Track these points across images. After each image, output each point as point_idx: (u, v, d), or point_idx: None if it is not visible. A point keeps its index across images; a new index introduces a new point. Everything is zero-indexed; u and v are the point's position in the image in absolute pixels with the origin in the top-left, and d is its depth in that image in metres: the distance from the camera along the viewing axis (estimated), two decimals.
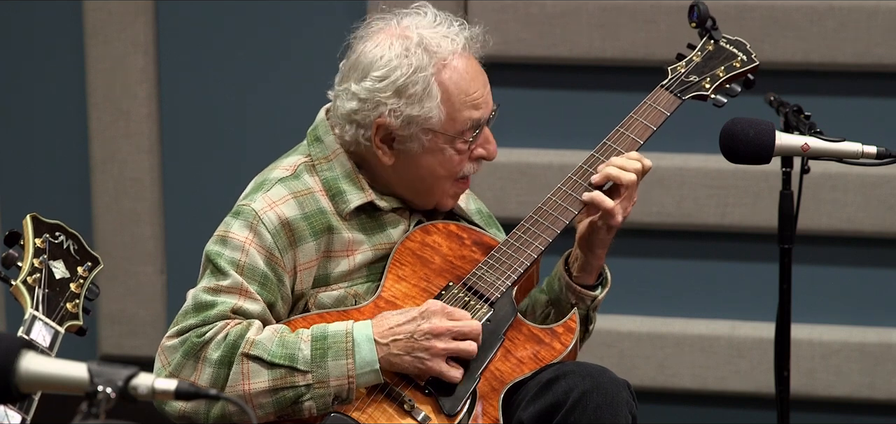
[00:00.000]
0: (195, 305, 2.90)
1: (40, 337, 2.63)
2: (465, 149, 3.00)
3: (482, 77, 3.01)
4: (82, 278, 2.76)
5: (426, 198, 3.05)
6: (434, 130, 2.96)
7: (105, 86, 4.92)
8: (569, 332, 3.00)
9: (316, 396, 2.85)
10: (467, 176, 3.05)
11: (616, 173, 3.02)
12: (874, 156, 3.15)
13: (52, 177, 5.04)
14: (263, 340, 2.86)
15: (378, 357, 2.86)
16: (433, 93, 2.94)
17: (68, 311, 2.71)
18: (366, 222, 3.03)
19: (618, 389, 2.89)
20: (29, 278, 2.68)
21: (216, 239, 2.96)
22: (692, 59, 3.27)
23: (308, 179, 3.01)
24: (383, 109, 2.94)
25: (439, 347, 2.87)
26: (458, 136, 2.98)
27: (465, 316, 2.90)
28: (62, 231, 2.78)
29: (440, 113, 2.95)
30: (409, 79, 2.93)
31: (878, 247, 4.58)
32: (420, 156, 2.99)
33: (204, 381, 2.85)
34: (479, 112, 2.99)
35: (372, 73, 2.95)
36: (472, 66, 3.00)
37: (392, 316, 2.90)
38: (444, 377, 2.89)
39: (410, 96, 2.94)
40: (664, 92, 3.20)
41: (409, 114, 2.94)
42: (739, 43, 3.29)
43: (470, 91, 2.97)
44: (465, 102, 2.97)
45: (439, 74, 2.95)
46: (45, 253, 2.73)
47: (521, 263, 3.01)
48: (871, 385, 4.57)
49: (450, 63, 2.96)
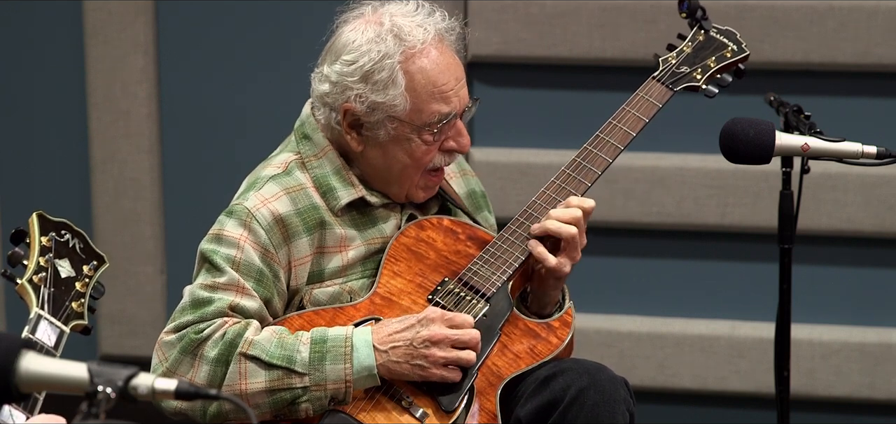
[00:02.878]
0: (192, 301, 2.91)
1: (46, 337, 2.63)
2: (432, 141, 2.99)
3: (455, 70, 2.99)
4: (88, 277, 2.76)
5: (396, 188, 3.04)
6: (399, 119, 2.96)
7: (105, 86, 4.92)
8: (565, 326, 3.00)
9: (312, 398, 2.85)
10: (439, 168, 3.04)
11: (555, 227, 2.99)
12: (874, 156, 3.15)
13: (52, 177, 5.04)
14: (262, 340, 2.86)
15: (376, 363, 2.86)
16: (398, 81, 2.93)
17: (74, 310, 2.70)
18: (357, 218, 3.04)
19: (615, 386, 2.90)
20: (35, 277, 2.68)
21: (211, 238, 2.96)
22: (683, 49, 3.27)
23: (300, 176, 3.02)
24: (350, 94, 2.95)
25: (438, 355, 2.87)
26: (425, 127, 2.97)
27: (464, 321, 2.90)
28: (68, 229, 2.77)
29: (405, 101, 2.94)
30: (375, 65, 2.93)
31: (878, 247, 4.57)
32: (387, 145, 2.98)
33: (201, 378, 2.85)
34: (448, 106, 2.97)
35: (342, 57, 2.97)
36: (445, 58, 2.97)
37: (391, 324, 2.90)
38: (445, 381, 2.89)
39: (375, 83, 2.94)
40: (656, 83, 3.20)
41: (374, 101, 2.94)
42: (730, 33, 3.29)
43: (439, 83, 2.95)
44: (432, 94, 2.95)
45: (406, 63, 2.94)
46: (50, 251, 2.72)
47: (517, 258, 3.01)
48: (871, 385, 4.57)
49: (420, 53, 2.95)
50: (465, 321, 2.90)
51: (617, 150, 3.11)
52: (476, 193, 3.22)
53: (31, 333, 2.61)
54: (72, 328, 2.68)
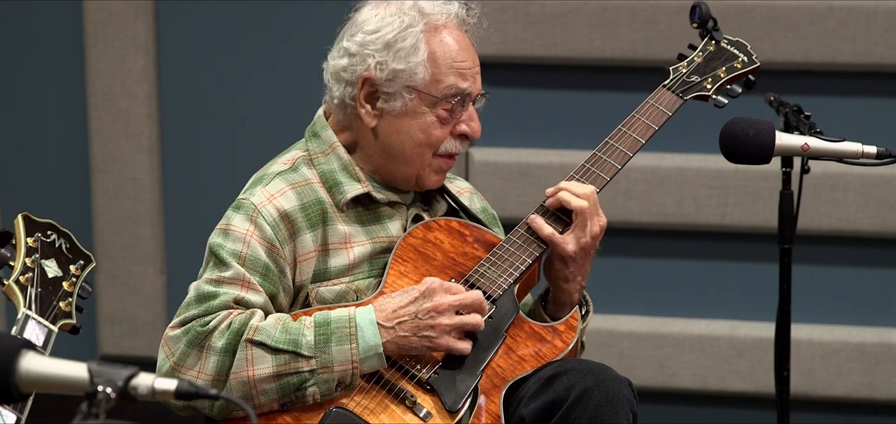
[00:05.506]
0: (198, 296, 2.92)
1: (33, 336, 2.63)
2: (447, 118, 3.01)
3: (473, 53, 3.04)
4: (75, 276, 2.76)
5: (406, 169, 3.05)
6: (417, 89, 2.98)
7: (105, 86, 4.92)
8: (570, 330, 3.01)
9: (319, 381, 2.85)
10: (452, 154, 3.06)
11: (566, 198, 3.02)
12: (874, 156, 3.15)
13: (52, 177, 5.04)
14: (267, 326, 2.87)
15: (383, 340, 2.87)
16: (420, 49, 2.97)
17: (61, 310, 2.71)
18: (362, 214, 3.05)
19: (619, 387, 2.90)
20: (21, 277, 2.68)
21: (218, 232, 2.98)
22: (693, 59, 3.28)
23: (306, 171, 3.04)
24: (371, 61, 2.98)
25: (445, 323, 2.88)
26: (441, 101, 2.99)
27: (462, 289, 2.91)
28: (54, 229, 2.77)
29: (425, 71, 2.98)
30: (399, 34, 2.98)
31: (878, 247, 4.58)
32: (401, 118, 3.00)
33: (208, 370, 2.85)
34: (465, 82, 3.01)
35: (364, 28, 3.00)
36: (464, 39, 3.03)
37: (393, 299, 2.91)
38: (454, 351, 2.90)
39: (398, 50, 2.97)
40: (666, 92, 3.20)
41: (395, 68, 2.97)
42: (740, 44, 3.30)
43: (459, 58, 3.00)
44: (451, 67, 2.99)
45: (429, 35, 2.99)
46: (37, 251, 2.72)
47: (523, 261, 3.02)
48: (871, 385, 4.57)
49: (441, 27, 3.00)
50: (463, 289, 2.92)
51: (626, 157, 3.12)
52: (488, 211, 3.25)
53: (19, 333, 2.61)
54: (60, 327, 2.69)
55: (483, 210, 3.23)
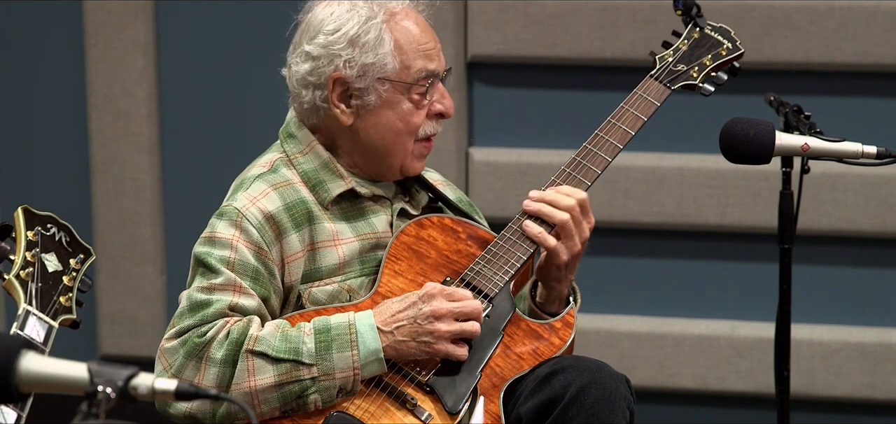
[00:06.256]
0: (191, 305, 2.89)
1: (34, 332, 2.62)
2: (421, 101, 3.02)
3: (432, 33, 3.05)
4: (75, 270, 2.75)
5: (390, 160, 3.04)
6: (389, 79, 2.98)
7: (105, 86, 4.92)
8: (567, 327, 3.00)
9: (321, 389, 2.85)
10: (430, 137, 3.06)
11: (547, 211, 3.00)
12: (874, 156, 3.15)
13: (52, 177, 5.04)
14: (266, 336, 2.86)
15: (382, 345, 2.86)
16: (385, 40, 2.97)
17: (61, 305, 2.69)
18: (347, 211, 3.04)
19: (616, 384, 2.89)
20: (22, 272, 2.67)
21: (203, 240, 2.96)
22: (679, 47, 3.27)
23: (286, 172, 3.03)
24: (338, 61, 2.97)
25: (443, 329, 2.87)
26: (414, 85, 3.00)
27: (465, 295, 2.91)
28: (54, 222, 2.76)
29: (394, 60, 2.98)
30: (361, 28, 2.97)
31: (878, 247, 4.58)
32: (378, 111, 3.00)
33: (209, 381, 2.84)
34: (433, 63, 3.01)
35: (324, 29, 2.99)
36: (422, 20, 3.04)
37: (392, 303, 2.91)
38: (452, 357, 2.89)
39: (364, 44, 2.97)
40: (654, 82, 3.20)
41: (364, 63, 2.97)
42: (724, 30, 3.30)
43: (422, 41, 3.01)
44: (417, 51, 3.00)
45: (390, 24, 2.99)
46: (37, 245, 2.71)
47: (519, 258, 3.01)
48: (871, 385, 4.57)
49: (401, 13, 3.01)
50: (465, 294, 2.91)
51: (616, 149, 3.11)
52: (463, 199, 3.24)
53: (20, 329, 2.60)
54: (61, 322, 2.67)
55: (459, 199, 3.22)
